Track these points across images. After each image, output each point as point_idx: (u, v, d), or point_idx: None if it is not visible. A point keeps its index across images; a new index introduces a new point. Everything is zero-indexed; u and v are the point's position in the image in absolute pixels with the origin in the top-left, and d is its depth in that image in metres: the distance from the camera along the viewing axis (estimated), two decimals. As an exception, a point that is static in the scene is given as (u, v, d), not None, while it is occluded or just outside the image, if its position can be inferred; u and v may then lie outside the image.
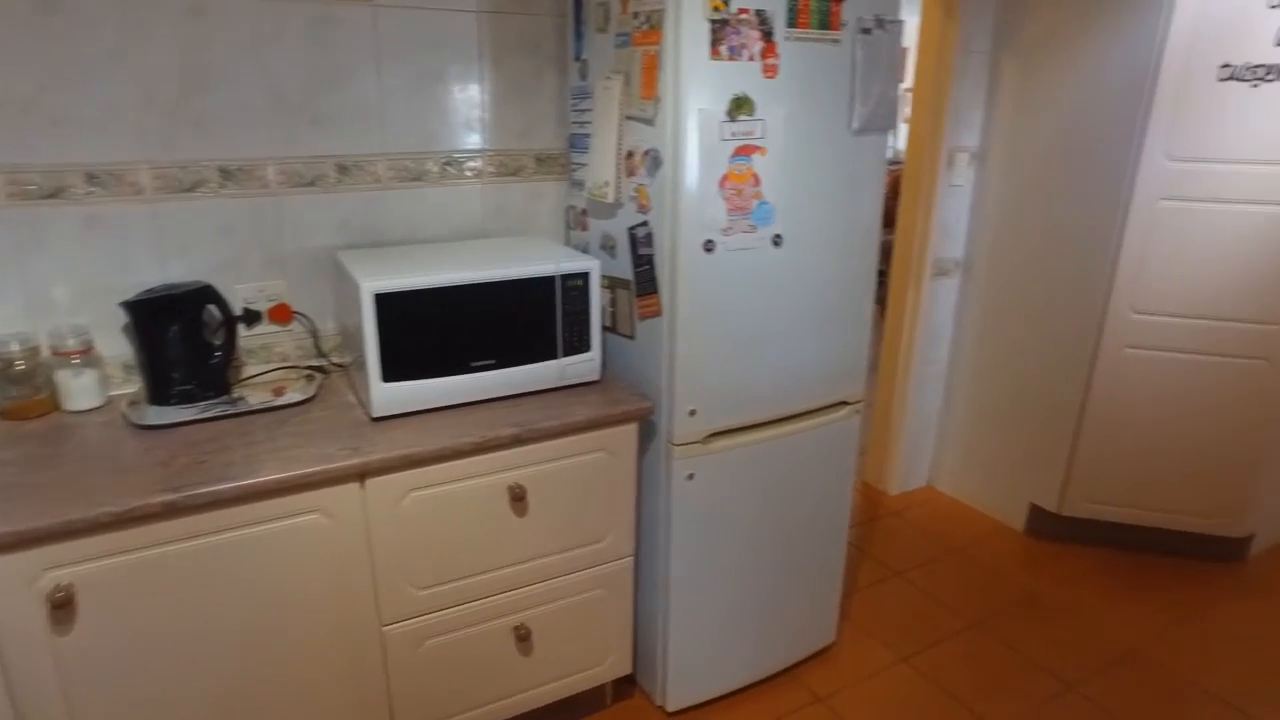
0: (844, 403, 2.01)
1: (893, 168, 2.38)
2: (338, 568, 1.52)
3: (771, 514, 1.99)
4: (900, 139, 3.43)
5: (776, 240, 1.72)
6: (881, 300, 3.15)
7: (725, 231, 1.64)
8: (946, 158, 2.80)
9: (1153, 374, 2.64)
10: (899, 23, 1.74)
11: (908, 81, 3.11)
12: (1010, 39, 2.72)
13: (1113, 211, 2.52)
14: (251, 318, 1.82)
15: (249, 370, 1.84)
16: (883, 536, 2.93)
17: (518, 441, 1.62)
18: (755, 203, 1.65)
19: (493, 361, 1.68)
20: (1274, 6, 2.25)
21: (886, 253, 2.85)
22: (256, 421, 1.60)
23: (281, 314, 1.86)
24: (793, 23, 1.60)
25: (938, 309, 3.04)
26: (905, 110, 3.02)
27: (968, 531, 2.97)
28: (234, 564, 1.41)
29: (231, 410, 1.62)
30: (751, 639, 2.09)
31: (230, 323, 1.69)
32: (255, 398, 1.68)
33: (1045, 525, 2.92)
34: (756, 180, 1.64)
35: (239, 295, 1.80)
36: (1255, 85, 2.31)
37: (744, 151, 1.61)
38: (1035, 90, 2.68)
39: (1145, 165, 2.44)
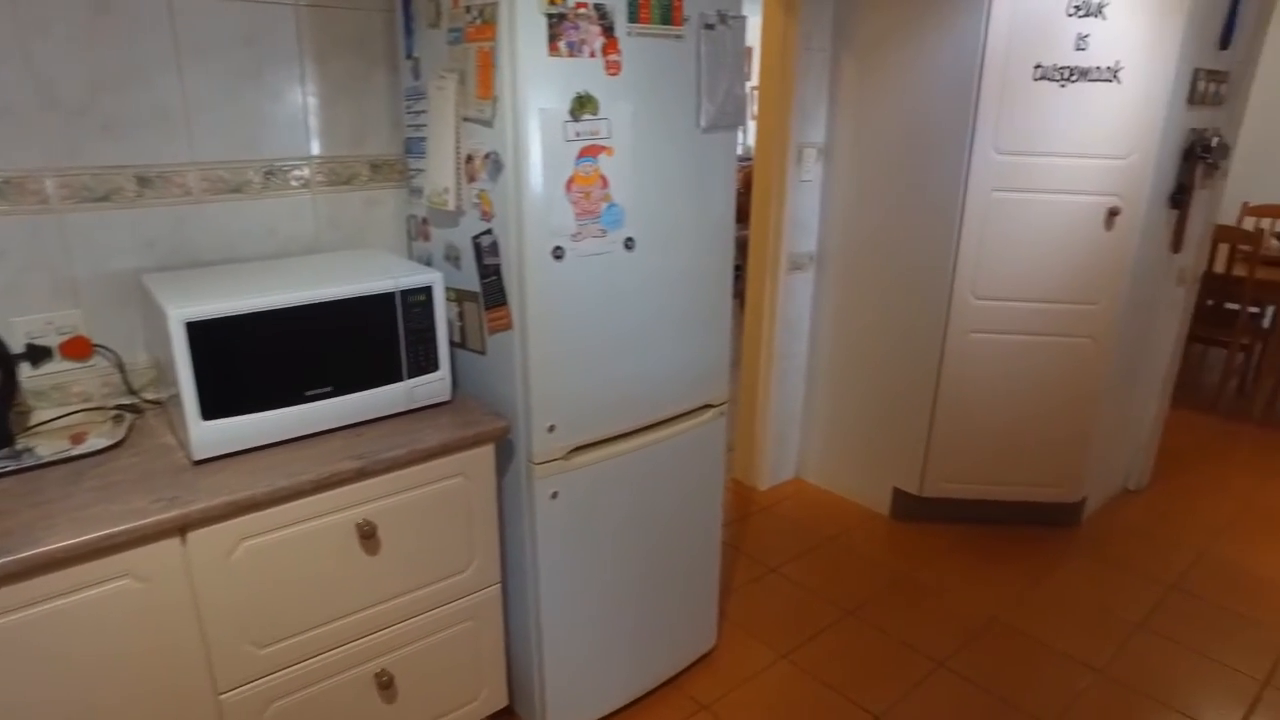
0: (708, 405, 1.98)
1: (744, 164, 2.39)
2: (159, 636, 1.33)
3: (642, 525, 1.93)
4: (750, 135, 3.46)
5: (629, 244, 1.66)
6: (740, 295, 3.17)
7: (574, 237, 1.56)
8: (795, 154, 2.85)
9: (995, 356, 2.78)
10: (741, 18, 1.72)
11: (754, 79, 3.15)
12: (848, 38, 2.80)
13: (951, 203, 2.64)
14: (38, 355, 1.58)
15: (40, 415, 1.60)
16: (756, 533, 2.94)
17: (363, 475, 1.48)
18: (604, 206, 1.59)
19: (329, 389, 1.53)
20: (1071, 15, 2.41)
21: (743, 248, 2.87)
22: (48, 477, 1.38)
23: (78, 348, 1.63)
24: (634, 17, 1.55)
25: (794, 303, 3.09)
26: (753, 107, 3.05)
27: (837, 520, 3.03)
28: (34, 643, 1.21)
29: (13, 466, 1.39)
30: (631, 654, 2.02)
31: (6, 362, 1.46)
32: (47, 448, 1.46)
33: (908, 507, 3.03)
34: (604, 182, 1.57)
35: (19, 329, 1.56)
36: (1063, 85, 2.46)
37: (590, 152, 1.54)
38: (874, 87, 2.76)
39: (977, 158, 2.56)
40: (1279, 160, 5.34)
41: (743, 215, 3.09)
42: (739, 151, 1.90)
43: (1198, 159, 2.77)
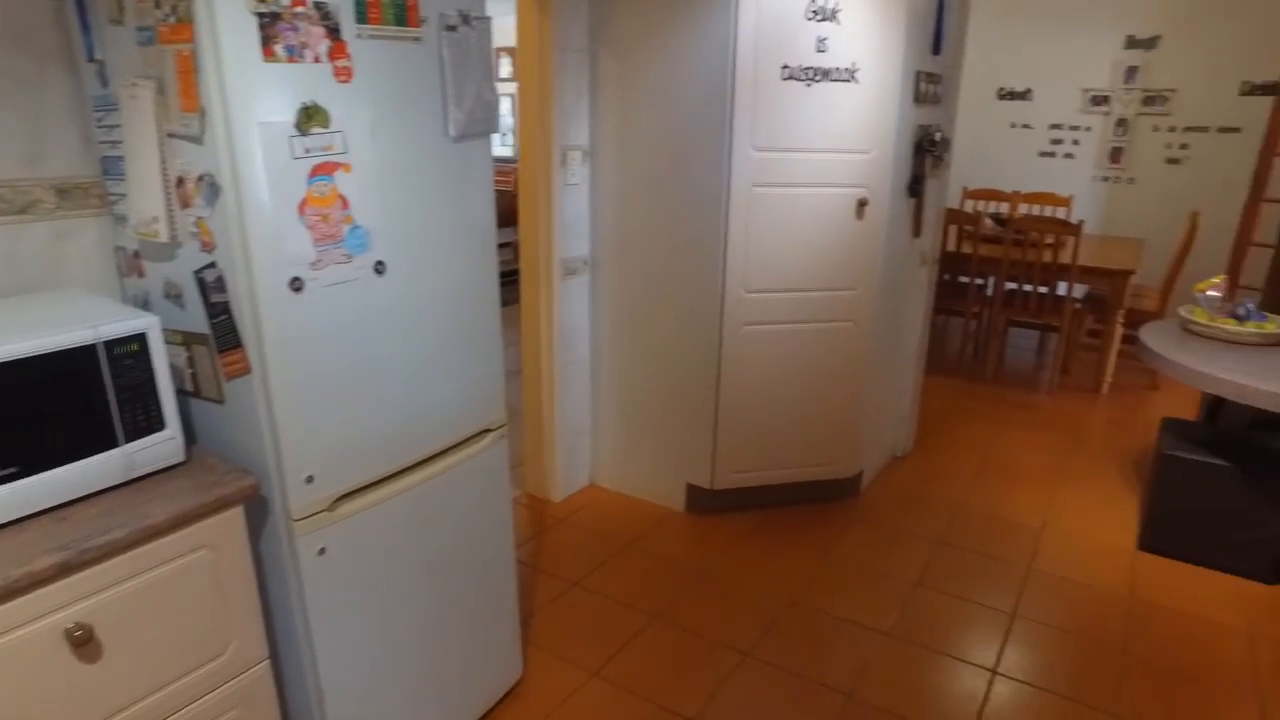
0: (486, 430, 1.86)
1: (511, 165, 2.28)
2: None
3: (427, 566, 1.78)
4: (507, 140, 3.35)
5: (379, 268, 1.50)
6: (516, 303, 3.07)
7: (314, 265, 1.38)
8: (559, 156, 2.78)
9: (769, 346, 2.88)
10: (486, 19, 1.61)
11: (510, 83, 3.04)
12: (605, 37, 2.77)
13: (716, 200, 2.69)
14: None
15: None
16: (554, 548, 2.86)
17: (68, 570, 1.22)
18: (346, 228, 1.42)
19: (15, 470, 1.25)
20: (810, 19, 2.53)
21: (517, 253, 2.76)
22: None
23: None
24: (363, 18, 1.39)
25: (572, 308, 3.03)
26: (506, 111, 2.94)
27: (635, 523, 3.03)
28: None
29: None
30: (434, 703, 1.87)
31: None
32: None
33: (702, 501, 3.09)
34: (345, 202, 1.41)
35: None
36: (809, 85, 2.59)
37: (324, 170, 1.36)
38: (634, 87, 2.76)
39: (737, 156, 2.63)
40: (985, 149, 6.08)
41: (513, 219, 3.01)
42: (509, 154, 1.79)
43: (926, 152, 3.04)
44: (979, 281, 4.73)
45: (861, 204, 2.78)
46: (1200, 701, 2.19)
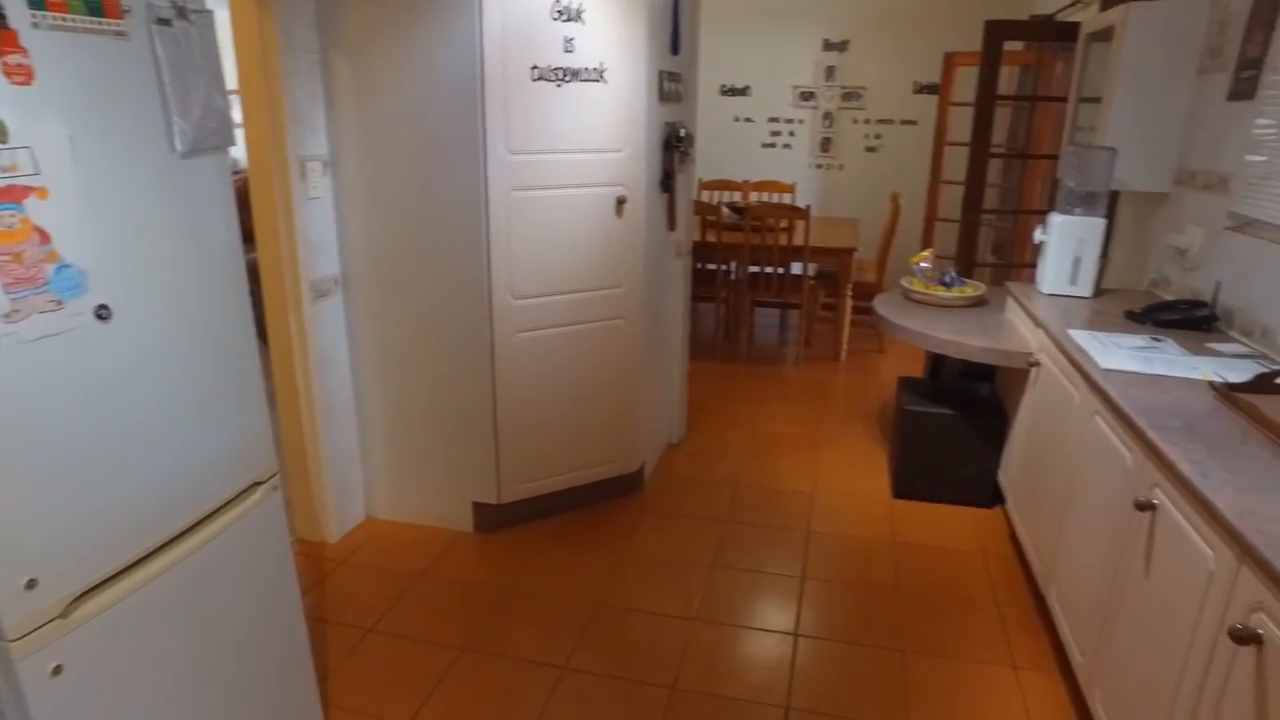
0: (256, 484, 1.63)
1: (236, 176, 2.00)
2: None
3: (201, 658, 1.52)
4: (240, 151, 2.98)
5: (102, 313, 1.24)
6: (262, 330, 2.74)
7: (8, 318, 1.10)
8: (298, 168, 2.52)
9: (543, 352, 2.83)
10: (206, 13, 1.39)
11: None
12: (336, 36, 2.54)
13: (475, 207, 2.58)
14: None
15: None
16: (339, 594, 2.61)
17: None
18: (50, 268, 1.15)
19: None
20: (555, 19, 2.50)
21: (254, 274, 2.46)
22: None
23: None
24: (39, 3, 1.12)
25: (326, 333, 2.77)
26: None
27: (423, 552, 2.84)
28: None
29: None
30: (218, 812, 1.60)
31: None
32: None
33: (491, 519, 2.97)
34: (43, 236, 1.14)
35: None
36: (560, 85, 2.56)
37: (9, 196, 1.09)
38: (375, 90, 2.56)
39: (493, 160, 2.53)
40: (714, 142, 6.47)
41: (248, 236, 2.67)
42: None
43: (674, 148, 3.14)
44: (724, 267, 5.02)
45: (621, 202, 2.81)
46: (958, 617, 2.48)
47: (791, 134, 6.41)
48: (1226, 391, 1.91)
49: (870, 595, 2.62)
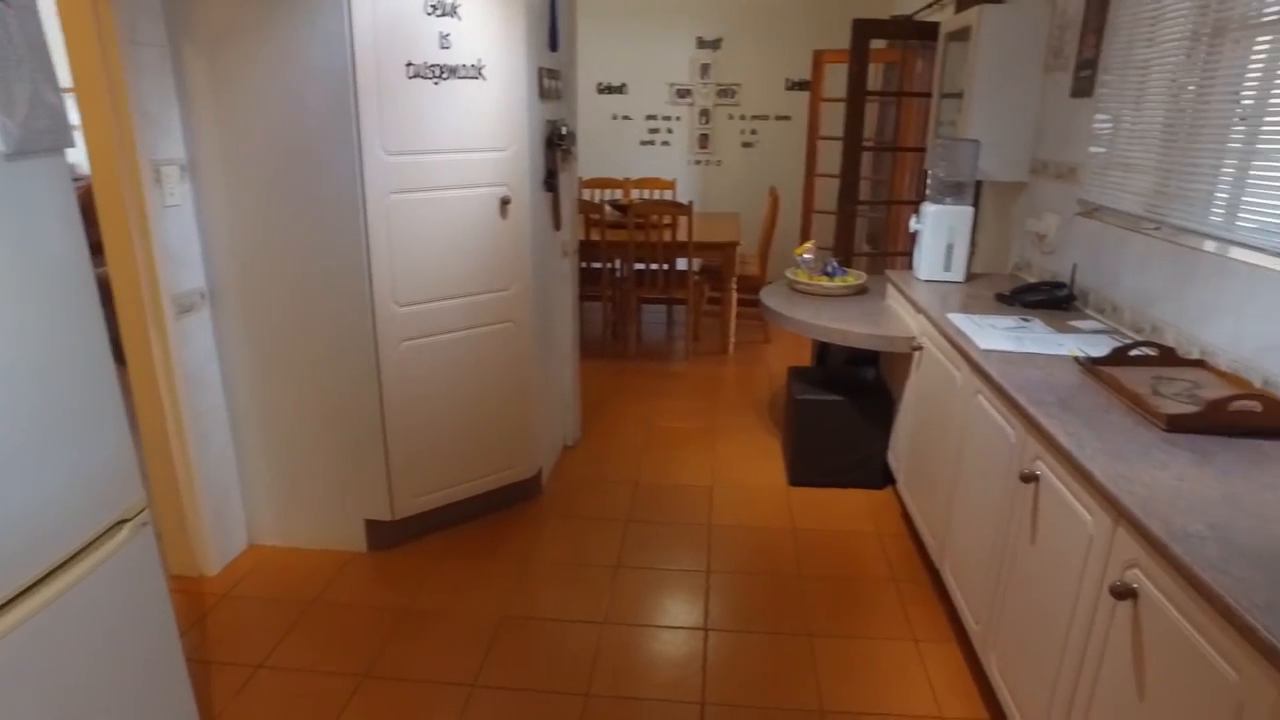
0: (121, 522, 1.48)
1: (78, 184, 1.81)
2: None
3: (67, 716, 1.36)
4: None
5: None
6: (119, 350, 2.52)
7: None
8: (150, 174, 2.32)
9: (432, 360, 2.72)
10: None
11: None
12: (188, 29, 2.35)
13: (352, 212, 2.45)
14: None
15: None
16: (222, 631, 2.42)
17: None
18: None
19: None
20: (430, 14, 2.41)
21: (106, 290, 2.24)
22: None
23: None
24: None
25: (193, 351, 2.57)
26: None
27: (314, 578, 2.68)
28: None
29: None
30: None
31: None
32: None
33: (386, 536, 2.84)
34: None
35: None
36: (437, 83, 2.47)
37: None
38: (236, 89, 2.38)
39: (369, 162, 2.41)
40: (593, 140, 6.45)
41: (95, 248, 2.44)
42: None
43: (556, 146, 3.09)
44: (609, 266, 5.01)
45: (505, 202, 2.74)
46: (859, 597, 2.56)
47: (670, 131, 6.47)
48: (1090, 366, 2.04)
49: (775, 584, 2.66)
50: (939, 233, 3.04)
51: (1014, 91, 3.16)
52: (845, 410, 3.20)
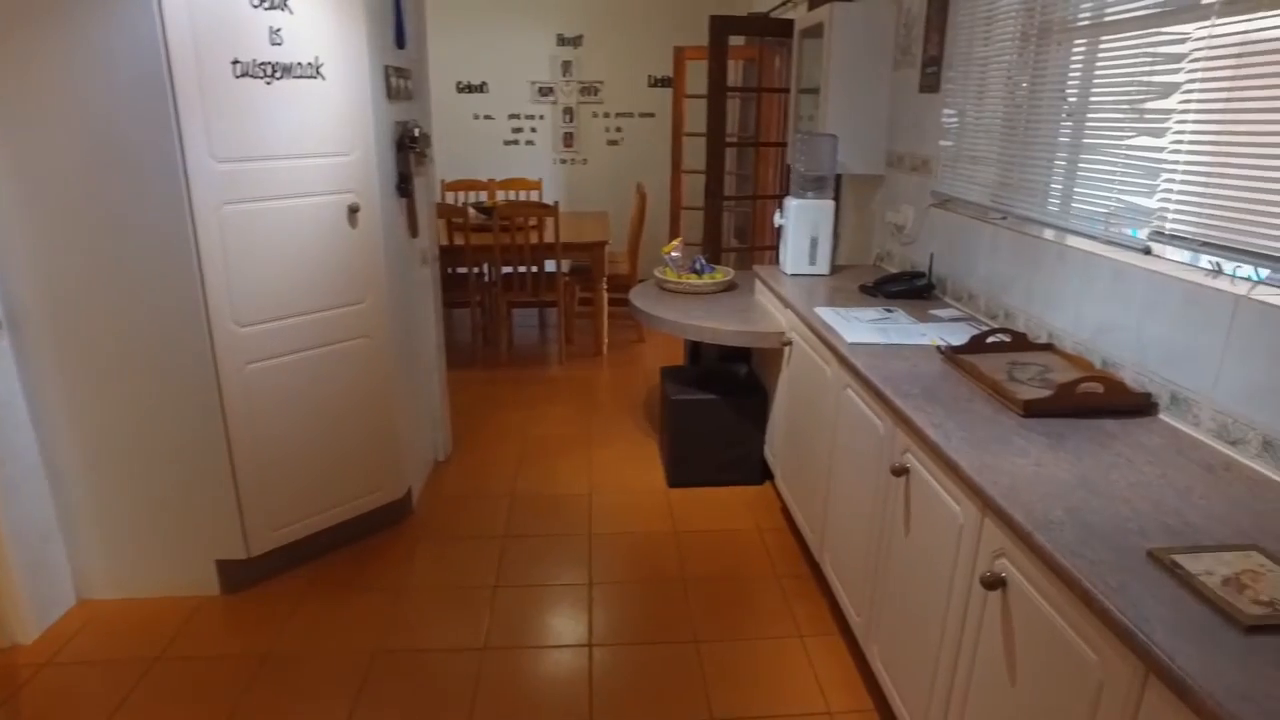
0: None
1: None
2: None
3: None
4: None
5: None
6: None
7: None
8: (-76, 188, 2.00)
9: (282, 382, 2.51)
10: None
11: None
12: (-43, 24, 2.05)
13: (179, 226, 2.22)
14: None
15: None
16: (45, 707, 2.14)
17: None
18: None
19: None
20: (257, 6, 2.20)
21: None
22: None
23: None
24: None
25: None
26: None
27: (158, 631, 2.42)
28: None
29: None
30: None
31: None
32: None
33: (242, 576, 2.60)
34: None
35: None
36: (269, 82, 2.26)
37: None
38: (27, 89, 2.09)
39: (195, 171, 2.18)
40: (454, 141, 6.24)
41: None
42: None
43: (409, 149, 2.92)
44: (476, 270, 4.85)
45: (353, 210, 2.56)
46: (743, 598, 2.55)
47: (533, 130, 6.34)
48: (951, 354, 2.09)
49: (658, 591, 2.62)
50: (802, 227, 3.08)
51: (867, 87, 3.24)
52: (720, 409, 3.20)
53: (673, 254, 3.52)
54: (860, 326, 2.39)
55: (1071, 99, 2.18)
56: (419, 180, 3.12)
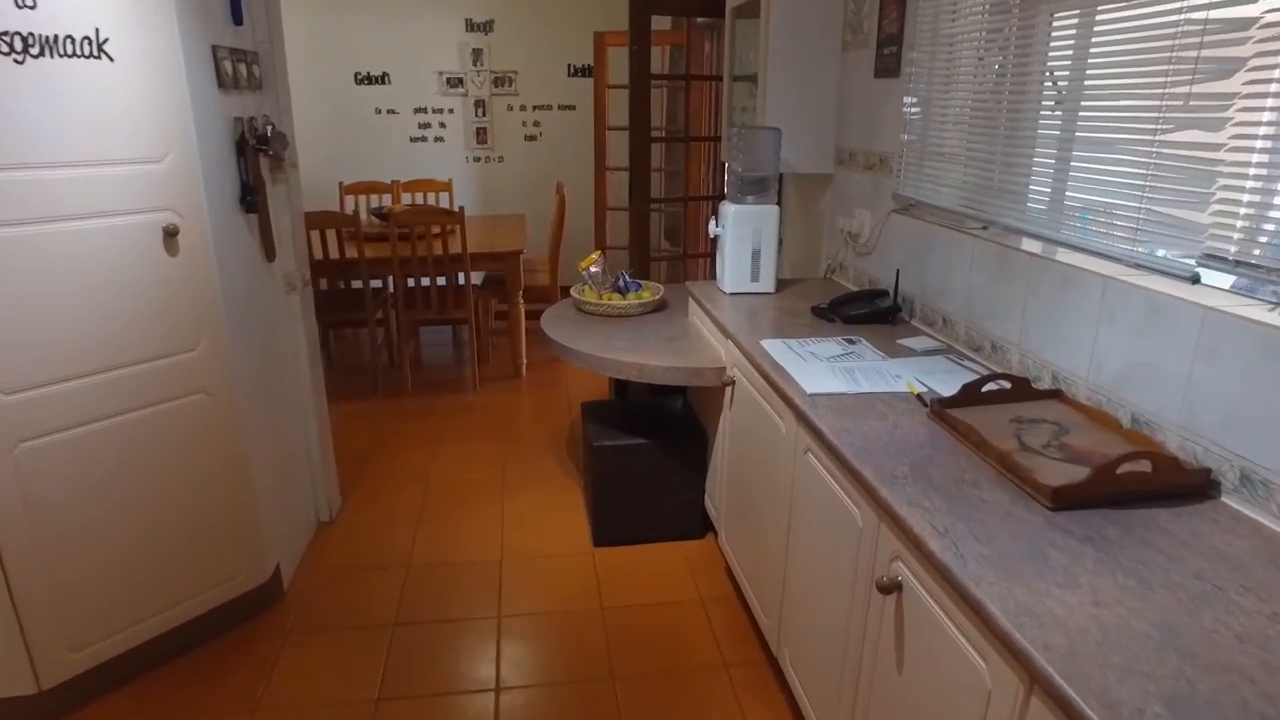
0: None
1: None
2: None
3: None
4: None
5: None
6: None
7: None
8: None
9: (76, 461, 1.92)
10: None
11: None
12: None
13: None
14: None
15: None
16: None
17: None
18: None
19: None
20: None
21: None
22: None
23: None
24: None
25: None
26: None
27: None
28: None
29: None
30: None
31: None
32: None
33: (35, 714, 2.00)
34: None
35: None
36: (20, 60, 1.66)
37: None
38: None
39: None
40: (355, 138, 5.60)
41: None
42: None
43: (257, 152, 2.34)
44: (377, 285, 4.25)
45: (170, 233, 1.97)
46: (686, 695, 2.07)
47: (443, 125, 5.74)
48: (940, 410, 1.64)
49: (582, 696, 2.12)
50: (742, 237, 2.61)
51: (812, 72, 2.78)
52: (651, 454, 2.71)
53: (592, 269, 3.01)
54: (819, 368, 1.93)
55: (1062, 82, 1.76)
56: (276, 190, 2.54)
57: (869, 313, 2.32)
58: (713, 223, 2.70)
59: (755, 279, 2.65)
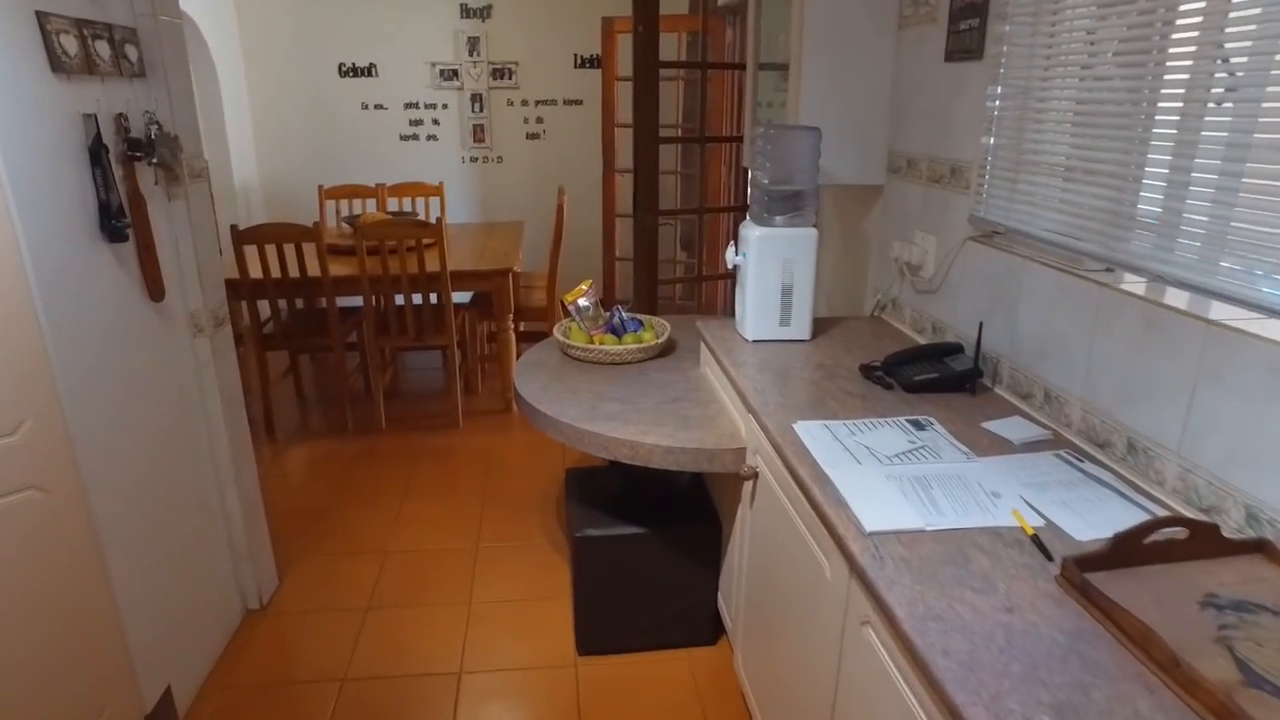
0: None
1: None
2: None
3: None
4: None
5: None
6: None
7: None
8: None
9: None
10: None
11: None
12: None
13: None
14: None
15: None
16: None
17: None
18: None
19: None
20: None
21: None
22: None
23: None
24: None
25: None
26: None
27: None
28: None
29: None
30: None
31: None
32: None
33: None
34: None
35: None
36: None
37: None
38: None
39: None
40: (340, 137, 5.07)
41: None
42: None
43: (131, 158, 1.79)
44: (354, 303, 3.70)
45: (-22, 273, 1.42)
46: None
47: (436, 122, 5.18)
48: (1080, 579, 1.04)
49: None
50: (769, 270, 2.02)
51: (859, 56, 2.18)
52: (651, 545, 2.12)
53: (580, 302, 2.42)
54: (878, 477, 1.33)
55: (1237, 58, 1.17)
56: (173, 207, 1.98)
57: (938, 379, 1.72)
58: (731, 249, 2.11)
59: (785, 323, 2.06)
